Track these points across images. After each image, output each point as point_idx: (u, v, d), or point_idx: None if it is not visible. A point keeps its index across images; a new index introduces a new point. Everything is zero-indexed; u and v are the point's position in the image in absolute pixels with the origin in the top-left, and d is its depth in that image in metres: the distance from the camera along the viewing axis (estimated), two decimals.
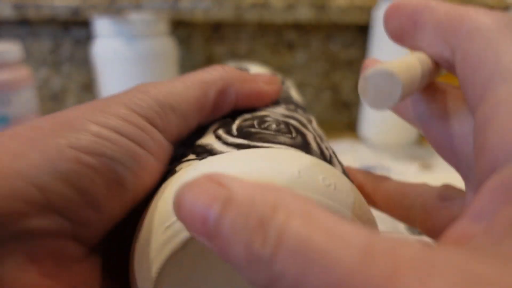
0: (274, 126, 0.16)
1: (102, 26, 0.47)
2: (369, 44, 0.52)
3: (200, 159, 0.15)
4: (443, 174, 0.41)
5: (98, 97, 0.70)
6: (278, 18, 0.59)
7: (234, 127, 0.16)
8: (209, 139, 0.16)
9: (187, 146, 0.17)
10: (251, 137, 0.15)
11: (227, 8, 0.59)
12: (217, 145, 0.15)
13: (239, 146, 0.15)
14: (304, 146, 0.15)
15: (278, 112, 0.18)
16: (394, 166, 0.48)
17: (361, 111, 0.56)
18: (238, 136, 0.16)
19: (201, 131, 0.17)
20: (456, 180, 0.40)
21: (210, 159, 0.14)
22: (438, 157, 0.56)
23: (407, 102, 0.16)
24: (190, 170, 0.14)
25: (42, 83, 0.70)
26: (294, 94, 0.25)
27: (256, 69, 0.31)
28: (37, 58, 0.68)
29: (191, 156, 0.15)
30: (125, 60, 0.47)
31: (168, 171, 0.16)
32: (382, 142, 0.53)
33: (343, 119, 0.69)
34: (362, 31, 0.62)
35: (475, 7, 0.13)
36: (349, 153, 0.52)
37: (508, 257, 0.08)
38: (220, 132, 0.16)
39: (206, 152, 0.15)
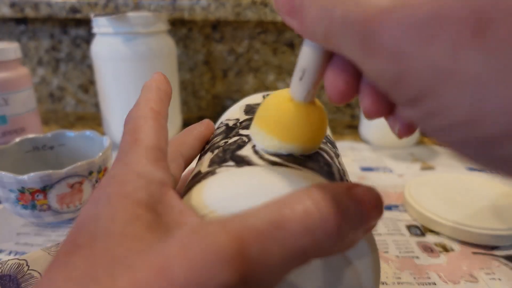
0: None
1: (101, 24, 0.47)
2: None
3: (238, 166, 0.18)
4: (444, 174, 0.41)
5: (96, 96, 0.70)
6: (278, 16, 0.59)
7: None
8: (247, 152, 0.19)
9: (226, 153, 0.20)
10: (284, 158, 0.18)
11: (226, 6, 0.58)
12: (254, 158, 0.18)
13: (273, 163, 0.18)
14: (328, 175, 0.18)
15: None
16: (395, 166, 0.48)
17: (362, 111, 0.56)
18: (273, 155, 0.19)
19: (241, 144, 0.20)
20: (455, 179, 0.40)
21: (248, 168, 0.18)
22: (438, 157, 0.56)
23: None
24: (229, 174, 0.17)
25: (40, 82, 0.70)
26: (327, 129, 0.28)
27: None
28: (35, 57, 0.68)
29: (231, 163, 0.18)
30: (124, 59, 0.47)
31: (209, 172, 0.19)
32: (383, 142, 0.53)
33: (345, 118, 0.69)
34: None
35: None
36: (350, 152, 0.52)
37: None
38: (259, 148, 0.19)
39: (244, 162, 0.18)
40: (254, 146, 0.20)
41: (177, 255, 0.12)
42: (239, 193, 0.16)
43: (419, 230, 0.34)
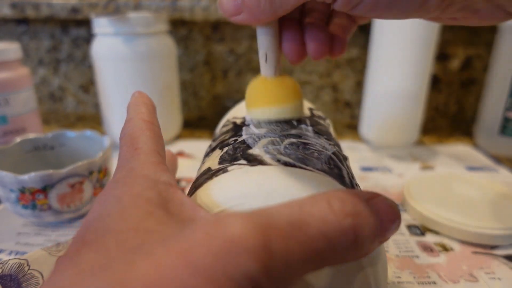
0: (316, 154, 0.20)
1: (101, 25, 0.47)
2: (370, 43, 0.52)
3: (251, 165, 0.18)
4: (443, 174, 0.41)
5: (96, 97, 0.70)
6: None
7: (282, 147, 0.20)
8: (259, 151, 0.20)
9: (237, 152, 0.20)
10: (296, 158, 0.19)
11: None
12: (266, 157, 0.19)
13: (286, 164, 0.18)
14: (339, 178, 0.19)
15: (320, 143, 0.22)
16: (394, 166, 0.48)
17: (362, 111, 0.56)
18: (285, 155, 0.19)
19: (248, 145, 0.21)
20: (455, 179, 0.40)
21: (261, 167, 0.18)
22: (438, 157, 0.56)
23: None
24: (242, 172, 0.18)
25: (40, 83, 0.70)
26: (332, 132, 0.28)
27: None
28: (36, 58, 0.68)
29: (243, 161, 0.19)
30: (124, 59, 0.47)
31: (220, 169, 0.19)
32: (383, 142, 0.53)
33: (344, 118, 0.69)
34: (362, 30, 0.61)
35: None
36: (349, 152, 0.52)
37: None
38: (270, 148, 0.20)
39: (256, 161, 0.19)
40: (265, 145, 0.20)
41: (201, 242, 0.12)
42: (253, 192, 0.16)
43: (418, 229, 0.34)
